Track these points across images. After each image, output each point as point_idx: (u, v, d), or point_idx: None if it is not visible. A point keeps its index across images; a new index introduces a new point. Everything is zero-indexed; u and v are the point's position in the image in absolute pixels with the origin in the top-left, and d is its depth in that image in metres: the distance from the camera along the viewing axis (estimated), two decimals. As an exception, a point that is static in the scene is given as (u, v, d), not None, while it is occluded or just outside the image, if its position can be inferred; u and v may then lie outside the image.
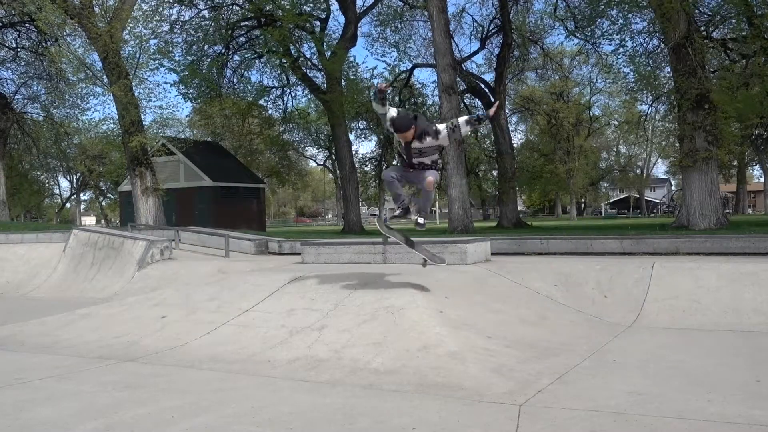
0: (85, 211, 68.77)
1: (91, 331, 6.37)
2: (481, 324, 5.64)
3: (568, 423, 3.40)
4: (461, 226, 17.33)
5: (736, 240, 8.69)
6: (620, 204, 79.22)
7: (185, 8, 23.57)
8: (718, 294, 6.53)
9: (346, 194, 26.85)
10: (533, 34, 28.86)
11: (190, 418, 3.65)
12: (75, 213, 58.67)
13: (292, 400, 4.00)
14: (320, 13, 25.28)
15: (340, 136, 26.03)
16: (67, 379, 4.67)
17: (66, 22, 19.37)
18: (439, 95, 18.35)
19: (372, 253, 8.51)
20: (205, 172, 29.19)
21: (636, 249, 9.08)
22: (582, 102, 43.18)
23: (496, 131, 27.39)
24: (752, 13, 16.13)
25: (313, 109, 38.28)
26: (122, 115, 19.74)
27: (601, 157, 60.93)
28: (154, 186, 20.17)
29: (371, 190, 48.25)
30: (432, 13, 18.02)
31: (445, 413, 3.63)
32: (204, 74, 24.20)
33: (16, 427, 3.55)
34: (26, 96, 28.22)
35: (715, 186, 15.46)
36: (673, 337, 5.72)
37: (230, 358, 5.16)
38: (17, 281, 12.43)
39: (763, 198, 66.52)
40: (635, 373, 4.43)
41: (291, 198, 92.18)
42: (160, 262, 11.38)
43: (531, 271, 7.68)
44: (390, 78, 30.14)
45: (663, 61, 19.62)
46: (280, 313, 6.04)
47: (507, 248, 10.10)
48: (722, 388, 3.99)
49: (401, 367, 4.58)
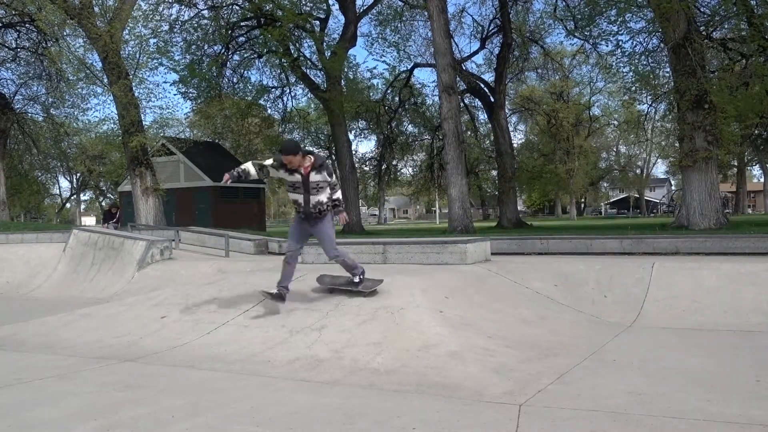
0: (85, 211, 68.74)
1: (91, 331, 6.37)
2: (481, 324, 5.64)
3: (568, 423, 3.40)
4: (461, 226, 17.33)
5: (735, 240, 8.69)
6: (620, 204, 79.25)
7: (185, 8, 23.59)
8: (718, 294, 6.53)
9: (345, 194, 26.81)
10: (533, 33, 28.87)
11: (190, 418, 3.65)
12: (75, 213, 58.67)
13: (292, 400, 4.00)
14: (320, 13, 25.29)
15: (340, 135, 26.03)
16: (68, 379, 4.67)
17: (66, 22, 19.36)
18: (439, 95, 18.36)
19: (372, 253, 8.51)
20: (205, 172, 29.18)
21: (636, 249, 9.08)
22: (582, 102, 43.16)
23: (496, 131, 27.39)
24: (752, 13, 16.12)
25: (312, 109, 38.29)
26: (122, 115, 19.74)
27: (601, 157, 60.93)
28: (154, 186, 20.17)
29: (371, 190, 48.25)
30: (432, 13, 18.03)
31: (445, 413, 3.63)
32: (203, 74, 24.20)
33: (16, 427, 3.55)
34: (26, 96, 28.24)
35: (714, 186, 15.46)
36: (673, 337, 5.72)
37: (230, 358, 5.16)
38: (17, 281, 12.43)
39: (763, 198, 66.55)
40: (635, 373, 4.43)
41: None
42: (160, 262, 11.38)
43: (531, 271, 7.68)
44: (390, 78, 30.18)
45: (663, 60, 19.62)
46: (280, 313, 6.04)
47: (507, 248, 10.11)
48: (722, 388, 3.99)
49: (401, 367, 4.59)
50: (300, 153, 5.67)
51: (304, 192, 5.77)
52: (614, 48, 19.22)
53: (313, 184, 5.74)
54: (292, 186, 5.81)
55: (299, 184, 5.76)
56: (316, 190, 5.76)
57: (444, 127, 18.24)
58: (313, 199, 5.77)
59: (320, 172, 5.74)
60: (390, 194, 71.56)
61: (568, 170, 46.40)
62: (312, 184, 5.74)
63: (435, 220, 48.00)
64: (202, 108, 29.35)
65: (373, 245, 8.60)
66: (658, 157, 60.11)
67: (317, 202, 5.79)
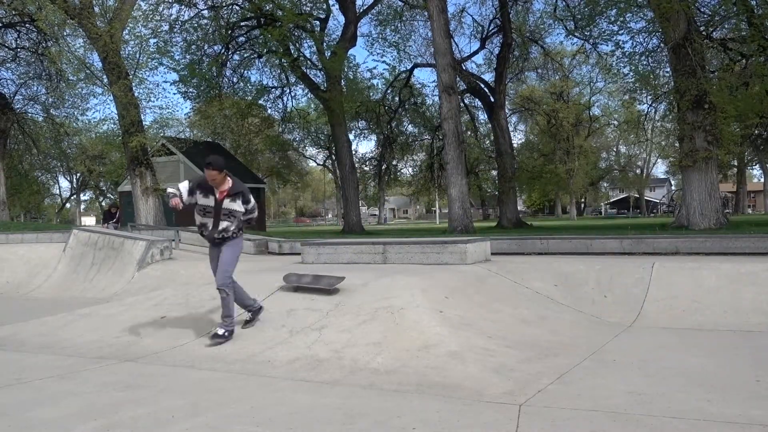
0: (85, 211, 68.76)
1: (91, 331, 6.37)
2: (481, 324, 5.64)
3: (568, 423, 3.40)
4: (461, 226, 17.33)
5: (735, 240, 8.69)
6: (620, 204, 79.28)
7: (185, 8, 23.60)
8: (718, 294, 6.53)
9: (345, 194, 26.85)
10: (533, 33, 28.88)
11: (190, 418, 3.65)
12: (75, 213, 58.68)
13: (292, 400, 4.00)
14: (320, 13, 25.30)
15: (340, 135, 26.03)
16: (68, 379, 4.67)
17: (66, 22, 19.37)
18: (439, 95, 18.37)
19: (372, 253, 8.51)
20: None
21: (636, 249, 9.07)
22: (582, 102, 43.19)
23: (496, 131, 27.41)
24: (752, 13, 16.13)
25: (312, 109, 38.29)
26: (122, 115, 19.75)
27: (601, 157, 60.96)
28: (154, 186, 20.18)
29: (371, 190, 48.27)
30: (432, 13, 18.03)
31: (445, 413, 3.63)
32: (203, 73, 24.21)
33: (16, 427, 3.55)
34: (26, 96, 28.25)
35: (714, 186, 15.46)
36: (673, 337, 5.72)
37: (230, 358, 5.16)
38: (17, 281, 12.43)
39: (763, 198, 66.55)
40: (635, 373, 4.43)
41: (291, 198, 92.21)
42: (160, 262, 11.38)
43: (531, 271, 7.68)
44: (390, 78, 30.19)
45: (663, 60, 19.62)
46: (280, 313, 6.05)
47: (507, 248, 10.11)
48: (722, 388, 3.99)
49: (401, 367, 4.59)
50: (223, 173, 5.47)
51: (214, 217, 5.55)
52: (614, 48, 19.25)
53: (225, 211, 5.54)
54: (202, 210, 5.58)
55: (210, 209, 5.55)
56: (227, 217, 5.55)
57: (444, 127, 18.25)
58: (221, 225, 5.56)
59: (235, 200, 5.55)
60: (390, 194, 71.60)
61: (568, 170, 46.44)
62: (224, 210, 5.54)
63: (435, 220, 48.01)
64: (202, 108, 29.37)
65: (373, 245, 8.60)
66: (658, 157, 60.18)
67: (224, 229, 5.57)
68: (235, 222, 5.61)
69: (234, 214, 5.58)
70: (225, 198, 5.55)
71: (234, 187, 5.58)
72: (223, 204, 5.54)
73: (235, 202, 5.57)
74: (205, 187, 5.56)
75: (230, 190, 5.56)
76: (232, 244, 5.67)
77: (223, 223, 5.56)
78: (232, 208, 5.56)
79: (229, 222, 5.57)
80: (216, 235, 5.61)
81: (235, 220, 5.61)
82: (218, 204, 5.55)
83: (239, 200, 5.59)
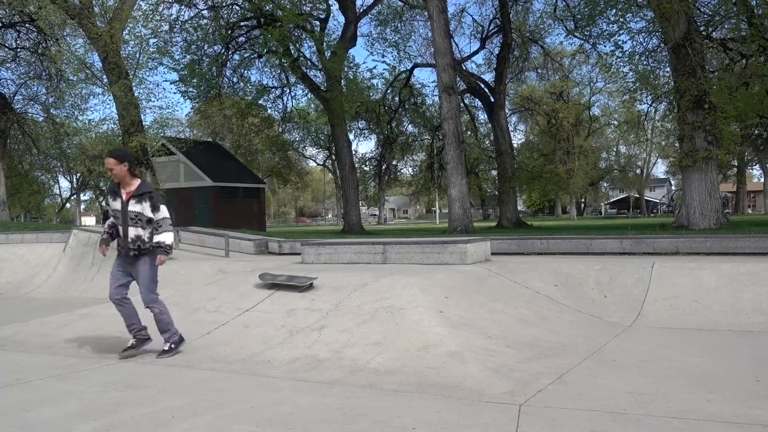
0: (85, 211, 68.75)
1: (91, 331, 6.37)
2: (481, 324, 5.64)
3: (568, 423, 3.40)
4: (461, 226, 17.32)
5: (735, 240, 8.69)
6: (620, 204, 79.26)
7: (185, 8, 23.59)
8: (718, 294, 6.53)
9: (345, 194, 26.84)
10: (533, 33, 28.89)
11: (190, 418, 3.65)
12: (75, 213, 58.66)
13: (292, 400, 4.00)
14: (320, 13, 25.30)
15: (340, 135, 26.03)
16: (67, 379, 4.67)
17: (66, 22, 19.37)
18: (439, 95, 18.35)
19: (372, 253, 8.51)
20: (205, 172, 29.20)
21: (636, 249, 9.08)
22: (582, 102, 43.22)
23: (496, 131, 27.40)
24: (752, 13, 16.12)
25: (312, 109, 38.29)
26: (122, 116, 19.73)
27: (601, 157, 60.94)
28: (154, 186, 20.17)
29: (371, 190, 48.27)
30: (432, 13, 18.02)
31: (445, 413, 3.63)
32: (203, 73, 24.22)
33: (16, 427, 3.55)
34: (26, 96, 28.26)
35: (714, 186, 15.45)
36: (673, 337, 5.72)
37: (230, 358, 5.16)
38: (17, 281, 12.43)
39: (763, 198, 66.52)
40: (635, 373, 4.43)
41: (291, 198, 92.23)
42: (160, 262, 11.36)
43: (531, 271, 7.68)
44: (390, 78, 30.19)
45: (663, 60, 19.63)
46: (280, 313, 6.05)
47: (507, 248, 10.11)
48: (722, 387, 3.99)
49: (401, 367, 4.59)
50: (125, 165, 5.07)
51: (122, 223, 5.12)
52: (614, 48, 19.24)
53: (131, 214, 5.09)
54: (114, 214, 5.23)
55: (119, 213, 5.14)
56: (135, 222, 5.10)
57: (444, 127, 18.24)
58: (131, 232, 5.09)
59: (140, 203, 5.11)
60: (390, 194, 71.64)
61: (568, 170, 46.45)
62: (130, 213, 5.10)
63: (435, 220, 48.04)
64: (202, 108, 29.37)
65: (373, 245, 8.60)
66: (658, 157, 60.21)
67: (136, 237, 5.10)
68: (148, 229, 5.16)
69: (140, 218, 5.13)
70: (130, 199, 5.14)
71: (140, 188, 5.18)
72: (128, 206, 5.13)
73: (140, 204, 5.12)
74: (114, 190, 5.23)
75: (136, 191, 5.15)
76: (149, 261, 5.22)
77: (132, 229, 5.11)
78: (138, 210, 5.12)
79: (140, 229, 5.13)
80: (131, 245, 5.11)
81: (149, 227, 5.16)
82: (124, 206, 5.14)
83: (146, 203, 5.14)
